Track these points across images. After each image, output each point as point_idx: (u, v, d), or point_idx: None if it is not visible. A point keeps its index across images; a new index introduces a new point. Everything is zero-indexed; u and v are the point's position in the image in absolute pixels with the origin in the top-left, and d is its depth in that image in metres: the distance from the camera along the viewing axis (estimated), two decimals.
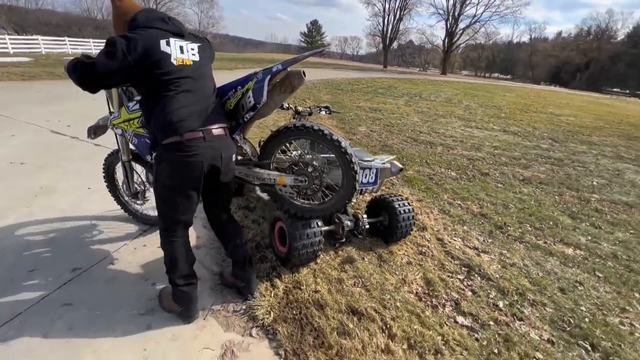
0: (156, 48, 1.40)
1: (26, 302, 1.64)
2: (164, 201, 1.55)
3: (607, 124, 10.04)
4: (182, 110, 1.43)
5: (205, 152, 1.46)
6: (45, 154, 3.58)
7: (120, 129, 1.88)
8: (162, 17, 1.51)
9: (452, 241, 2.65)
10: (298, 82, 1.62)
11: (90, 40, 22.58)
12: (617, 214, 3.59)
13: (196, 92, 1.50)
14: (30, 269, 1.87)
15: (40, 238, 2.17)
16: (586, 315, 1.96)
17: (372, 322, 1.70)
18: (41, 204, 2.57)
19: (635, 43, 49.40)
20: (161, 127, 1.44)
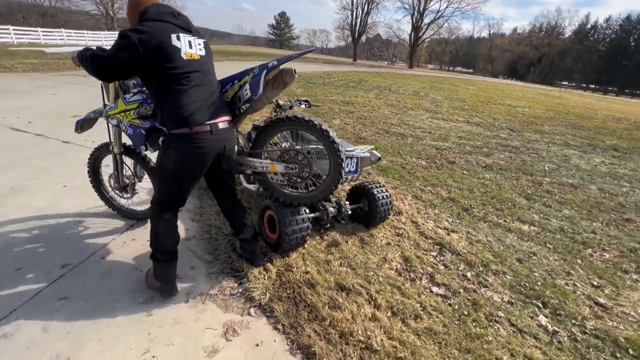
0: (167, 42, 1.47)
1: (19, 298, 1.64)
2: (164, 184, 1.66)
3: (556, 115, 10.99)
4: (193, 104, 1.52)
5: (211, 144, 1.57)
6: (9, 153, 3.39)
7: (115, 120, 1.90)
8: (173, 12, 1.59)
9: (425, 223, 2.91)
10: (290, 79, 1.74)
11: (39, 29, 20.70)
12: (565, 194, 4.05)
13: (205, 86, 1.60)
14: (17, 268, 1.84)
15: (22, 236, 2.12)
16: (539, 280, 2.27)
17: (359, 295, 1.88)
18: (15, 204, 2.48)
19: (580, 40, 53.75)
20: (173, 119, 1.52)
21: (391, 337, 1.62)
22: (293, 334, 1.60)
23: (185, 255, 2.12)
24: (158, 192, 1.70)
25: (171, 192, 1.66)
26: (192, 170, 1.62)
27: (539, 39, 56.51)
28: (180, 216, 2.52)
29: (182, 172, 1.61)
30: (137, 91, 1.88)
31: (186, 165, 1.59)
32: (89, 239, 2.18)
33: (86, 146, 3.77)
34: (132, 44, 1.39)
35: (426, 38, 41.32)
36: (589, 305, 2.08)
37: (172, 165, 1.59)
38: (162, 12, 1.55)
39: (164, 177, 1.64)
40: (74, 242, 2.14)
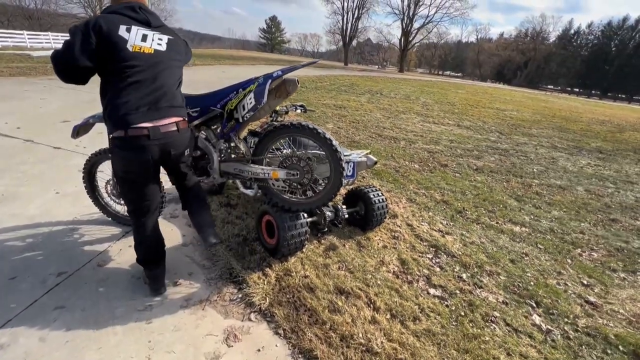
0: (113, 32, 1.41)
1: (15, 308, 1.61)
2: (122, 189, 1.63)
3: (543, 118, 11.28)
4: (129, 103, 1.42)
5: (150, 149, 1.48)
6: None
7: None
8: (133, 6, 1.51)
9: (420, 226, 2.95)
10: (292, 89, 1.78)
11: (25, 32, 20.29)
12: (553, 195, 4.16)
13: (149, 83, 1.48)
14: (10, 277, 1.81)
15: (16, 245, 2.08)
16: (531, 280, 2.33)
17: (358, 298, 1.90)
18: (6, 211, 2.43)
19: (564, 45, 55.33)
20: (109, 118, 1.46)
21: (391, 339, 1.64)
22: (294, 338, 1.61)
23: (183, 262, 2.11)
24: (125, 201, 1.68)
25: (130, 198, 1.61)
26: (137, 177, 1.54)
27: (525, 43, 57.99)
28: (176, 222, 2.54)
29: (129, 178, 1.55)
30: None
31: (130, 171, 1.52)
32: (84, 246, 2.15)
33: (77, 152, 3.72)
34: (81, 36, 1.36)
35: (416, 42, 42.04)
36: (580, 303, 2.15)
37: (120, 172, 1.55)
38: (120, 6, 1.49)
39: (118, 182, 1.61)
40: (69, 249, 2.10)
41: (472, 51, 65.83)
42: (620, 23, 51.02)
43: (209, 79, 10.72)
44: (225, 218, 2.63)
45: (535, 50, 56.05)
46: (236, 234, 2.42)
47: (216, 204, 2.85)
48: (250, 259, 2.15)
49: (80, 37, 1.36)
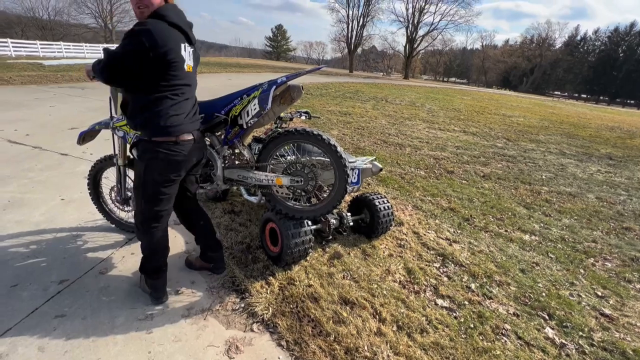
0: (177, 51, 1.45)
1: (15, 316, 1.59)
2: (151, 195, 1.60)
3: (551, 124, 11.15)
4: (181, 116, 1.54)
5: (193, 152, 1.63)
6: (6, 166, 3.36)
7: (122, 132, 1.90)
8: (189, 22, 1.57)
9: (426, 234, 2.89)
10: (297, 95, 1.76)
11: (38, 42, 20.84)
12: (563, 203, 4.07)
13: (191, 97, 1.64)
14: (12, 284, 1.80)
15: (19, 252, 2.08)
16: (543, 291, 2.25)
17: (364, 309, 1.85)
18: (12, 218, 2.44)
19: (571, 51, 55.02)
20: (155, 126, 1.49)
21: (398, 352, 1.58)
22: (297, 350, 1.56)
23: (185, 269, 2.08)
24: (142, 207, 1.63)
25: (158, 202, 1.62)
26: (175, 178, 1.62)
27: (531, 50, 57.78)
28: (179, 229, 2.52)
29: (167, 180, 1.59)
30: None
31: (171, 172, 1.58)
32: (87, 253, 2.14)
33: (84, 158, 3.75)
34: (142, 45, 1.33)
35: (421, 50, 42.18)
36: (595, 316, 2.06)
37: (159, 176, 1.57)
38: (181, 19, 1.51)
39: (149, 189, 1.59)
40: (72, 256, 2.09)
41: (478, 58, 65.80)
42: (627, 29, 50.66)
43: (216, 86, 10.82)
44: (228, 225, 2.60)
45: (541, 57, 55.80)
46: (239, 241, 2.39)
47: (220, 210, 2.83)
48: (254, 267, 2.11)
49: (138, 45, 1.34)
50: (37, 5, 38.99)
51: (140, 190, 1.61)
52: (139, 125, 1.54)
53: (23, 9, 37.99)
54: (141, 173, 1.58)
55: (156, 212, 1.63)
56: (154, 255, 1.72)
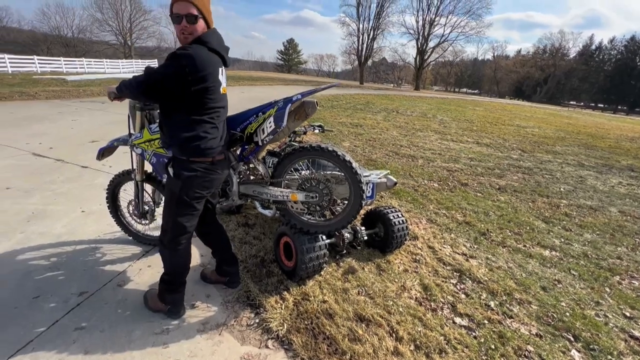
0: (215, 75, 1.50)
1: (37, 328, 1.63)
2: (183, 212, 1.62)
3: (567, 135, 10.90)
4: (217, 139, 1.61)
5: (224, 170, 1.72)
6: (30, 178, 3.49)
7: (140, 149, 1.95)
8: (226, 47, 1.62)
9: (442, 248, 2.83)
10: (311, 111, 1.79)
11: (62, 58, 21.87)
12: (584, 217, 3.94)
13: (224, 119, 1.71)
14: (34, 296, 1.84)
15: (41, 263, 2.14)
16: (567, 310, 2.16)
17: (380, 327, 1.81)
18: (36, 230, 2.52)
19: (586, 60, 54.15)
20: (198, 149, 1.55)
21: None
22: None
23: (200, 283, 2.09)
24: (174, 224, 1.63)
25: (189, 218, 1.65)
26: (206, 195, 1.68)
27: (544, 60, 57.11)
28: (194, 242, 2.53)
29: (201, 197, 1.65)
30: None
31: (205, 190, 1.64)
32: (105, 265, 2.18)
33: (103, 171, 3.86)
34: (182, 69, 1.37)
35: (431, 61, 42.21)
36: (624, 338, 1.96)
37: (193, 193, 1.60)
38: (221, 45, 1.56)
39: (181, 206, 1.60)
40: (91, 269, 2.14)
41: (489, 68, 65.41)
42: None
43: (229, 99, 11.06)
44: (242, 238, 2.61)
45: (555, 67, 55.05)
46: (253, 255, 2.40)
47: (234, 223, 2.85)
48: (268, 282, 2.11)
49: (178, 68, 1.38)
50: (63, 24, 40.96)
51: (174, 207, 1.61)
52: (176, 145, 1.55)
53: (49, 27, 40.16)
54: (176, 190, 1.58)
55: (185, 228, 1.65)
56: (178, 271, 1.73)
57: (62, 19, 40.45)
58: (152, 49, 46.29)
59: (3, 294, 1.85)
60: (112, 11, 39.81)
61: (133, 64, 28.03)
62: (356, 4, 37.66)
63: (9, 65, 17.25)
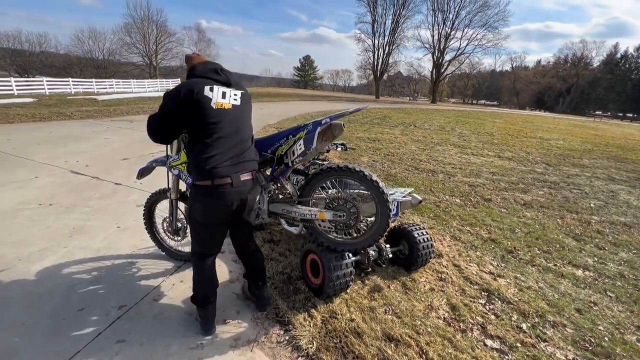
0: (200, 92, 1.60)
1: (82, 340, 1.73)
2: (195, 234, 1.78)
3: (595, 147, 10.51)
4: (216, 157, 1.59)
5: (232, 196, 1.64)
6: (70, 195, 3.72)
7: (177, 170, 2.07)
8: (215, 68, 1.73)
9: (468, 267, 2.79)
10: (338, 132, 1.86)
11: (93, 80, 23.34)
12: (618, 234, 3.77)
13: (231, 137, 1.65)
14: (79, 308, 1.96)
15: (83, 277, 2.27)
16: (605, 335, 2.07)
17: (409, 347, 1.80)
18: (77, 245, 2.68)
19: (611, 69, 52.43)
20: (197, 170, 1.63)
21: None
22: None
23: (230, 299, 2.16)
24: (193, 240, 1.80)
25: (202, 240, 1.76)
26: (215, 222, 1.70)
27: (565, 70, 55.78)
28: (222, 257, 2.63)
29: (208, 223, 1.70)
30: None
31: (210, 216, 1.67)
32: (141, 280, 2.29)
33: (135, 188, 4.06)
34: (171, 100, 1.58)
35: (448, 74, 42.08)
36: None
37: (199, 217, 1.69)
38: (206, 69, 1.71)
39: (194, 227, 1.76)
40: (129, 283, 2.25)
41: (508, 79, 64.38)
42: None
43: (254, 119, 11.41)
44: (268, 254, 2.68)
45: (578, 76, 53.58)
46: (280, 271, 2.45)
47: (259, 239, 2.92)
48: (295, 299, 2.14)
49: (172, 104, 1.58)
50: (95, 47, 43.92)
51: (190, 227, 1.81)
52: (188, 171, 1.78)
53: (82, 51, 43.06)
54: (189, 211, 1.77)
55: (203, 249, 1.77)
56: (199, 285, 1.82)
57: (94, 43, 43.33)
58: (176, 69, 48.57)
59: (52, 305, 1.98)
60: (139, 34, 42.34)
61: (158, 84, 29.49)
62: (371, 21, 38.44)
63: (47, 87, 18.56)
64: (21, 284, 2.17)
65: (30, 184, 3.99)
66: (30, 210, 3.28)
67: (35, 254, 2.51)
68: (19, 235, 2.78)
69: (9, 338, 1.72)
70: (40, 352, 1.64)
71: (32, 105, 12.10)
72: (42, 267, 2.36)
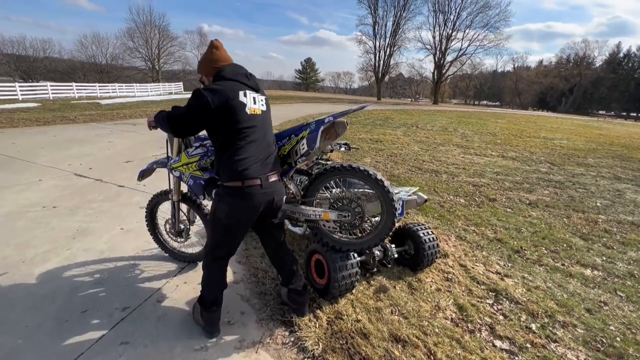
0: (236, 98, 1.62)
1: (85, 342, 1.71)
2: (217, 234, 1.74)
3: (599, 146, 10.43)
4: (248, 159, 1.62)
5: (260, 197, 1.65)
6: (74, 197, 3.72)
7: (178, 172, 2.06)
8: (246, 73, 1.76)
9: (474, 267, 2.75)
10: (342, 130, 1.84)
11: (97, 84, 23.52)
12: (626, 233, 3.72)
13: (260, 141, 1.69)
14: (82, 310, 1.94)
15: (86, 279, 2.26)
16: (617, 335, 2.03)
17: (416, 348, 1.77)
18: (81, 246, 2.67)
19: (614, 68, 52.18)
20: (228, 172, 1.62)
21: None
22: None
23: (235, 300, 2.13)
24: (211, 241, 1.78)
25: (222, 241, 1.74)
26: (241, 222, 1.69)
27: (568, 69, 55.54)
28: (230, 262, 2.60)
29: (233, 224, 1.68)
30: (199, 145, 2.04)
31: (237, 217, 1.67)
32: (144, 282, 2.28)
33: (138, 190, 4.06)
34: (206, 102, 1.54)
35: (449, 75, 42.02)
36: None
37: (224, 218, 1.67)
38: (237, 72, 1.73)
39: (216, 228, 1.73)
40: (132, 285, 2.23)
41: (510, 80, 64.18)
42: None
43: None
44: None
45: (581, 76, 53.31)
46: None
47: None
48: None
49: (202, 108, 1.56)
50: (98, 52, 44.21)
51: (210, 227, 1.78)
52: (217, 173, 1.74)
53: (86, 56, 43.39)
54: (213, 211, 1.73)
55: (222, 251, 1.76)
56: (209, 287, 1.80)
57: (97, 48, 43.64)
58: (178, 72, 48.88)
59: (55, 307, 1.97)
60: (142, 39, 42.64)
61: (160, 88, 29.67)
62: (372, 23, 38.46)
63: (51, 91, 18.72)
64: (24, 286, 2.16)
65: (34, 186, 3.99)
66: (34, 212, 3.28)
67: (39, 256, 2.51)
68: (23, 238, 2.77)
69: (12, 340, 1.71)
70: (44, 354, 1.62)
71: (36, 110, 12.19)
72: (45, 269, 2.35)
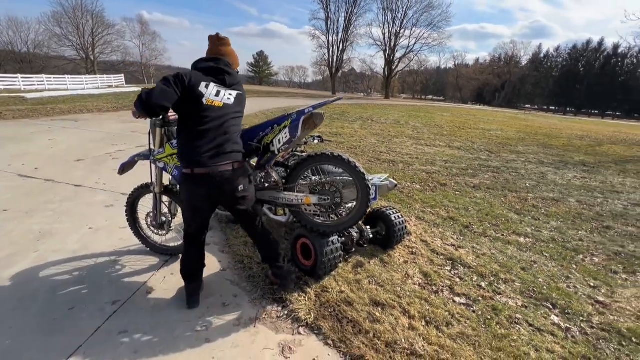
0: (195, 87, 1.75)
1: (81, 334, 1.72)
2: (184, 214, 1.96)
3: (527, 136, 11.93)
4: (198, 148, 1.74)
5: (209, 186, 1.79)
6: (25, 199, 3.44)
7: (162, 163, 2.09)
8: (221, 69, 1.86)
9: (433, 241, 3.16)
10: (319, 121, 2.04)
11: (19, 75, 20.68)
12: (549, 207, 4.46)
13: (214, 131, 1.78)
14: (69, 307, 1.92)
15: (64, 278, 2.20)
16: (544, 285, 2.54)
17: (394, 309, 2.07)
18: (49, 248, 2.55)
19: (536, 67, 59.05)
20: (182, 158, 1.81)
21: (431, 342, 1.80)
22: (344, 347, 1.75)
23: (225, 285, 2.25)
24: (184, 220, 1.98)
25: (189, 217, 1.93)
26: (198, 205, 1.87)
27: (500, 67, 61.57)
28: (210, 249, 2.69)
29: (192, 205, 1.88)
30: None
31: (192, 201, 1.86)
32: (129, 277, 2.28)
33: (98, 189, 3.87)
34: (182, 76, 1.70)
35: (399, 70, 44.15)
36: (591, 303, 2.35)
37: (185, 200, 1.89)
38: (210, 67, 1.85)
39: (183, 207, 1.97)
40: (116, 280, 2.22)
41: (452, 76, 69.38)
42: (584, 46, 55.30)
43: None
44: None
45: (510, 74, 59.49)
46: None
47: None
48: None
49: (171, 85, 1.67)
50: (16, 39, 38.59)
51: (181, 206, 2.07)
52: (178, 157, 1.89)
53: (1, 43, 37.70)
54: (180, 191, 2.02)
55: (191, 225, 1.94)
56: (185, 261, 2.00)
57: (15, 34, 38.19)
58: (117, 64, 44.74)
59: (38, 307, 1.91)
60: (72, 26, 38.14)
61: (98, 80, 27.01)
62: (325, 18, 38.86)
63: None
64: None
65: None
66: None
67: (3, 260, 2.35)
68: None
69: None
70: (41, 350, 1.61)
71: None
72: (15, 272, 2.23)
